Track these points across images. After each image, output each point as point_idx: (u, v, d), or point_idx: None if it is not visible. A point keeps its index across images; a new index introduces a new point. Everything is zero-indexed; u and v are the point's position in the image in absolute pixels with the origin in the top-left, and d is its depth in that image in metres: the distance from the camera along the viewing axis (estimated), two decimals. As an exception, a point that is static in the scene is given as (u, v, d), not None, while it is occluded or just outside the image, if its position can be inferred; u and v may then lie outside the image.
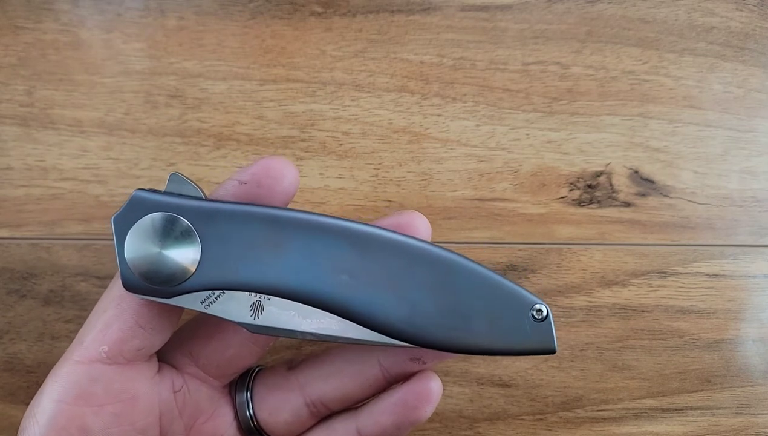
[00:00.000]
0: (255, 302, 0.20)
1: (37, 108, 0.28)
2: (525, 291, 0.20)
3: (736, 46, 0.29)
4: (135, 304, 0.20)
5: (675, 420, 0.29)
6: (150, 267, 0.19)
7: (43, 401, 0.20)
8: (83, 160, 0.28)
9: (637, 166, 0.29)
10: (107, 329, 0.20)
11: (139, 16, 0.28)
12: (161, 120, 0.28)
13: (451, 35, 0.28)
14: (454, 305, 0.20)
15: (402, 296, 0.20)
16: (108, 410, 0.20)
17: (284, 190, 0.20)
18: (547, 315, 0.20)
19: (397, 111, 0.28)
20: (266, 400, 0.23)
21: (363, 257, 0.20)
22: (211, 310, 0.20)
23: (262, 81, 0.28)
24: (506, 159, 0.29)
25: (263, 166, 0.20)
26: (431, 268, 0.20)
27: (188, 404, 0.22)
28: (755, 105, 0.29)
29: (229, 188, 0.20)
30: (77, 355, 0.20)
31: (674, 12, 0.29)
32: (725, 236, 0.29)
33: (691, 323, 0.29)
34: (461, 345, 0.20)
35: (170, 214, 0.19)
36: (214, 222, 0.19)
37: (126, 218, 0.19)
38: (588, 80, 0.29)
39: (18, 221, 0.28)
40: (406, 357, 0.22)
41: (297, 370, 0.23)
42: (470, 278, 0.20)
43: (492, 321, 0.20)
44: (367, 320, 0.20)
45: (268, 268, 0.19)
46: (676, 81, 0.29)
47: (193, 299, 0.20)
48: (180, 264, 0.19)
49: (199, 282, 0.19)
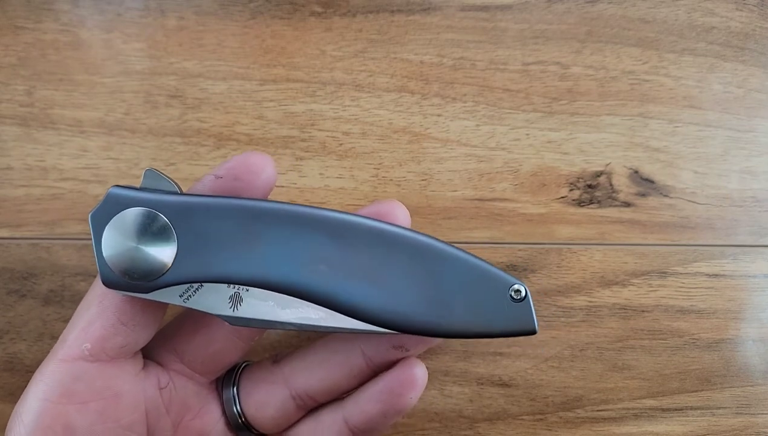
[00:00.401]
0: (233, 294, 0.20)
1: (37, 108, 0.28)
2: (503, 272, 0.20)
3: (736, 46, 0.29)
4: (117, 301, 0.20)
5: (675, 420, 0.29)
6: (127, 263, 0.19)
7: (28, 400, 0.20)
8: (83, 160, 0.28)
9: (637, 166, 0.29)
10: (89, 326, 0.20)
11: (139, 16, 0.28)
12: (161, 120, 0.28)
13: (451, 35, 0.28)
14: (433, 290, 0.20)
15: (380, 283, 0.20)
16: (92, 407, 0.20)
17: (262, 183, 0.20)
18: (525, 295, 0.20)
19: (397, 111, 0.28)
20: (252, 395, 0.23)
21: (339, 245, 0.20)
22: (190, 303, 0.20)
23: (262, 81, 0.28)
24: (506, 159, 0.29)
25: (240, 160, 0.20)
26: (408, 253, 0.20)
27: (175, 400, 0.22)
28: (755, 105, 0.29)
29: (206, 183, 0.21)
30: (61, 353, 0.20)
31: (674, 12, 0.29)
32: (725, 236, 0.29)
33: (691, 323, 0.29)
34: (441, 329, 0.20)
35: (146, 209, 0.19)
36: (189, 216, 0.19)
37: (102, 214, 0.19)
38: (588, 80, 0.29)
39: (18, 221, 0.28)
40: (389, 345, 0.22)
41: (282, 363, 0.23)
42: (448, 261, 0.20)
43: (471, 304, 0.20)
44: (345, 308, 0.20)
45: (245, 259, 0.19)
46: (676, 81, 0.29)
47: (171, 293, 0.20)
48: (157, 258, 0.19)
49: (177, 276, 0.19)
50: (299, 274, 0.20)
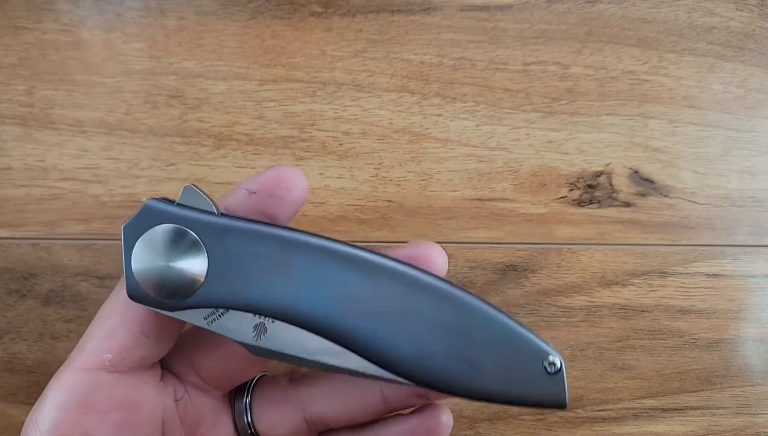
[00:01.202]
0: (258, 323, 0.19)
1: (37, 108, 0.28)
2: (540, 340, 0.19)
3: (736, 46, 0.29)
4: (140, 313, 0.20)
5: (675, 420, 0.29)
6: (156, 279, 0.19)
7: (45, 408, 0.19)
8: (83, 160, 0.28)
9: (637, 166, 0.29)
10: (111, 336, 0.20)
11: (139, 16, 0.28)
12: (161, 120, 0.28)
13: (451, 35, 0.28)
14: (464, 349, 0.19)
15: (411, 333, 0.19)
16: (111, 418, 0.20)
17: (295, 199, 0.20)
18: (560, 369, 0.19)
19: (397, 111, 0.28)
20: (266, 413, 0.23)
21: (374, 289, 0.19)
22: (213, 327, 0.19)
23: (262, 81, 0.28)
24: (506, 159, 0.29)
25: (273, 176, 0.20)
26: (444, 307, 0.19)
27: (189, 413, 0.22)
28: (755, 105, 0.29)
29: (238, 197, 0.20)
30: (79, 362, 0.20)
31: (674, 12, 0.29)
32: (725, 236, 0.29)
33: (691, 323, 0.29)
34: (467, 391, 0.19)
35: (180, 226, 0.19)
36: (223, 239, 0.19)
37: (136, 226, 0.19)
38: (588, 80, 0.29)
39: (18, 221, 0.28)
40: (410, 393, 0.21)
41: (298, 384, 0.23)
42: (484, 321, 0.19)
43: (501, 369, 0.19)
44: (372, 354, 0.19)
45: (275, 291, 0.19)
46: (676, 81, 0.29)
47: (196, 315, 0.19)
48: (186, 279, 0.19)
49: (204, 299, 0.19)
50: (330, 312, 0.19)
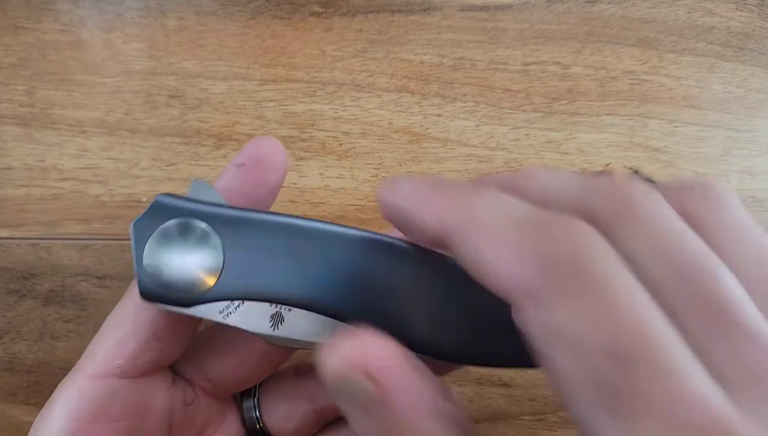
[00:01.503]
0: (275, 312, 0.19)
1: (37, 108, 0.28)
2: None
3: (736, 46, 0.29)
4: (152, 315, 0.19)
5: (675, 420, 0.29)
6: (171, 275, 0.18)
7: (54, 417, 0.19)
8: (83, 160, 0.28)
9: (637, 167, 0.29)
10: (123, 343, 0.19)
11: (139, 16, 0.28)
12: (161, 120, 0.28)
13: (451, 35, 0.28)
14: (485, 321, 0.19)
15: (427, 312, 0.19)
16: (123, 424, 0.19)
17: (281, 162, 0.20)
18: None
19: (397, 111, 0.28)
20: (276, 408, 0.23)
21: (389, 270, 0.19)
22: (229, 320, 0.19)
23: (262, 81, 0.28)
24: (506, 159, 0.29)
25: (255, 145, 0.20)
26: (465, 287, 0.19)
27: (198, 415, 0.22)
28: (755, 105, 0.29)
29: (230, 175, 0.20)
30: (90, 370, 0.19)
31: (674, 12, 0.29)
32: (725, 236, 0.29)
33: (691, 323, 0.29)
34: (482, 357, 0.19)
35: (193, 220, 0.19)
36: (237, 230, 0.19)
37: (146, 223, 0.18)
38: (588, 80, 0.29)
39: (18, 221, 0.28)
40: None
41: (304, 377, 0.23)
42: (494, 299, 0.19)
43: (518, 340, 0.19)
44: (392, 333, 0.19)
45: (291, 279, 0.19)
46: (676, 81, 0.29)
47: (212, 309, 0.19)
48: (201, 273, 0.19)
49: (220, 292, 0.19)
50: (347, 296, 0.19)
